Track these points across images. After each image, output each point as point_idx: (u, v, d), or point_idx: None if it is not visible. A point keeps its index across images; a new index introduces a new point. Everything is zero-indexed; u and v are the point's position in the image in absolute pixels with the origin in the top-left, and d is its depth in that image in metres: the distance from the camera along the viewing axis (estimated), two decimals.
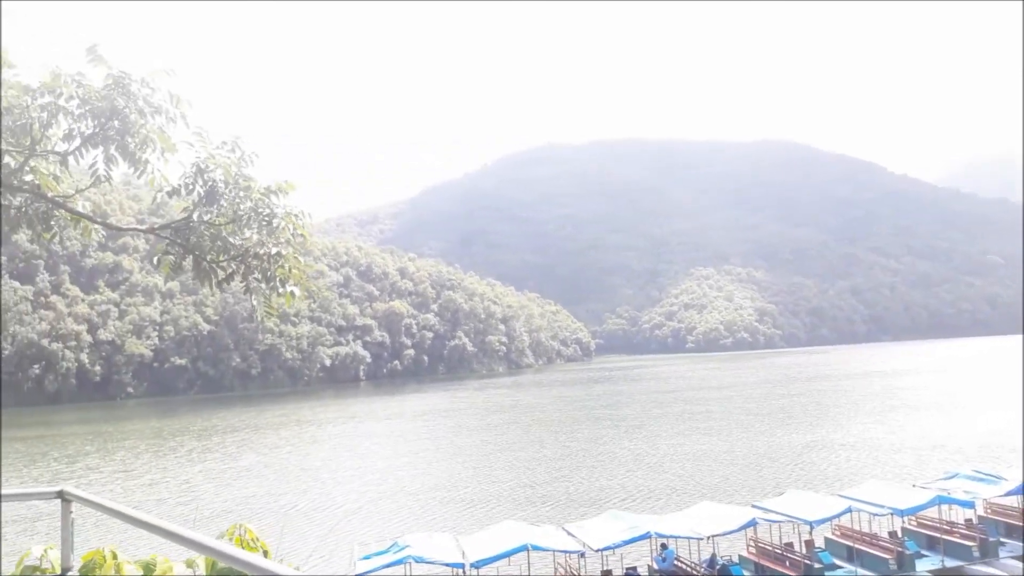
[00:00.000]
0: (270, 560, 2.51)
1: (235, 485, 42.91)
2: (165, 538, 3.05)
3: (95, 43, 8.90)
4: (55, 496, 3.65)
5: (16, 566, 4.47)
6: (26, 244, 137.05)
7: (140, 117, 8.97)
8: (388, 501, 37.01)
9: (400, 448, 56.21)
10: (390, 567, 19.82)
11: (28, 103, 9.22)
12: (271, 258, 9.45)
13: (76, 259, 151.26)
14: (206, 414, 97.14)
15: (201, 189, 9.30)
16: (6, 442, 72.09)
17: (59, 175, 10.19)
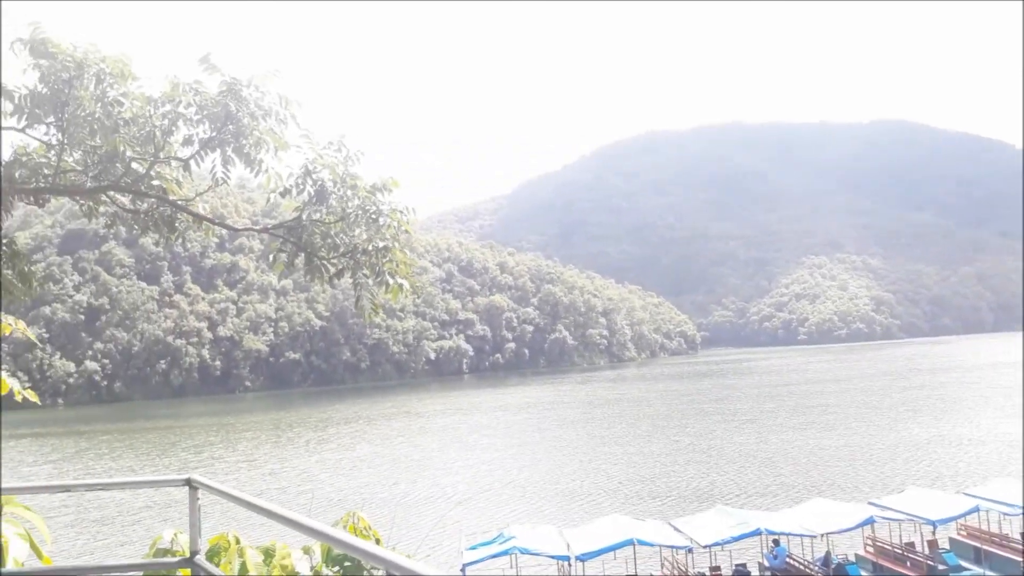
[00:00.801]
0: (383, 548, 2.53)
1: (349, 474, 44.43)
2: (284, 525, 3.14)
3: (208, 52, 9.33)
4: (183, 483, 3.83)
5: (150, 548, 4.76)
6: (151, 246, 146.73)
7: (252, 120, 9.34)
8: (495, 492, 37.46)
9: (506, 440, 56.78)
10: (496, 558, 20.05)
11: (151, 112, 9.76)
12: (378, 253, 9.68)
13: (196, 260, 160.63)
14: (321, 406, 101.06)
15: (311, 189, 9.61)
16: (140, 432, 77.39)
17: (181, 180, 10.77)
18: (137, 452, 61.00)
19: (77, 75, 9.29)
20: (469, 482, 40.26)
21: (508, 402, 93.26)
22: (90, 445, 67.01)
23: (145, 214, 10.99)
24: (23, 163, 10.34)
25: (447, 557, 24.73)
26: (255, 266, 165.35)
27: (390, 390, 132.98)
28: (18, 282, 10.26)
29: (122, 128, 9.64)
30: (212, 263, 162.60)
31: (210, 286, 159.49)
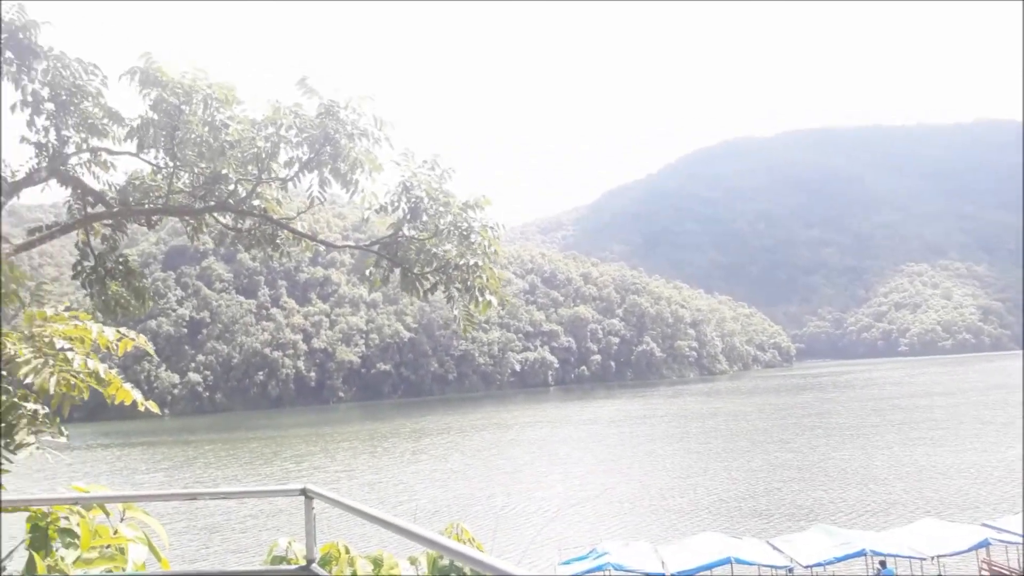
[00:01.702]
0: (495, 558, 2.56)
1: (446, 486, 44.89)
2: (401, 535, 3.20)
3: (305, 75, 9.72)
4: (299, 493, 3.97)
5: (267, 555, 4.96)
6: (248, 261, 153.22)
7: (349, 141, 9.67)
8: (587, 507, 37.17)
9: (598, 454, 56.28)
10: (589, 573, 19.89)
11: (254, 135, 10.24)
12: (470, 269, 9.84)
13: (292, 274, 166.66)
14: (413, 417, 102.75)
15: (406, 206, 9.87)
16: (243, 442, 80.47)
17: (281, 199, 11.24)
18: (242, 461, 63.44)
19: (186, 101, 9.83)
20: (562, 496, 40.09)
21: (597, 415, 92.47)
22: (198, 454, 70.16)
23: (248, 232, 11.52)
24: (136, 186, 11.00)
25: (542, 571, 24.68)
26: (346, 279, 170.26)
27: (477, 401, 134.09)
28: (132, 298, 10.90)
29: (227, 151, 10.13)
30: (306, 277, 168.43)
31: (304, 299, 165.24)
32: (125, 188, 10.85)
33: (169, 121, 9.90)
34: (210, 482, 51.30)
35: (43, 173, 9.52)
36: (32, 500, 4.65)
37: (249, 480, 51.76)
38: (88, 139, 10.13)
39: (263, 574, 4.67)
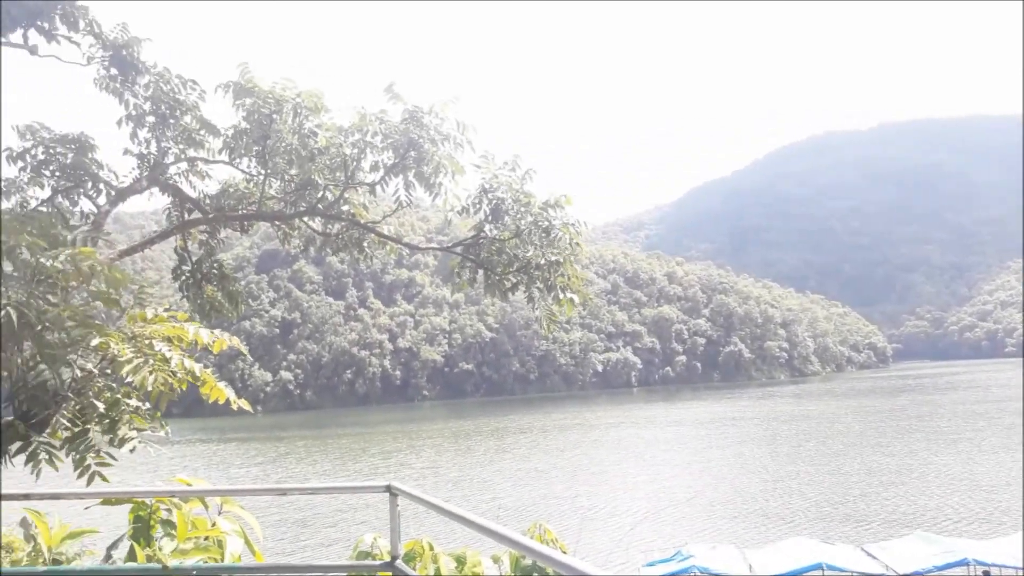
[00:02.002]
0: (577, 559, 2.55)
1: (529, 485, 45.01)
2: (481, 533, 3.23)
3: (392, 82, 9.92)
4: (384, 490, 4.06)
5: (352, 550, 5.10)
6: (337, 264, 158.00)
7: (432, 146, 9.82)
8: (673, 509, 36.62)
9: (684, 456, 55.35)
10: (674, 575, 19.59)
11: (341, 142, 10.53)
12: (551, 267, 9.84)
13: (378, 276, 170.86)
14: (495, 416, 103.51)
15: (487, 208, 9.96)
16: (333, 438, 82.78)
17: (367, 203, 11.53)
18: (332, 457, 65.31)
19: (276, 110, 10.19)
20: (647, 497, 39.61)
21: (683, 416, 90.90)
22: (290, 450, 72.64)
23: (336, 236, 11.87)
24: (230, 194, 11.49)
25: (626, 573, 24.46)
26: (430, 281, 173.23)
27: (559, 401, 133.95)
28: (225, 301, 11.39)
29: (316, 158, 10.46)
30: (392, 279, 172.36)
31: (390, 300, 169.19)
32: (220, 195, 11.34)
33: (260, 130, 10.29)
34: (302, 477, 53.02)
35: (144, 182, 10.03)
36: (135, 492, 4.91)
37: (338, 475, 53.24)
38: (186, 150, 10.63)
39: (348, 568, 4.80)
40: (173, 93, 9.98)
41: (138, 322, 6.12)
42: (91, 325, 5.74)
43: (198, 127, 10.34)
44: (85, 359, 6.15)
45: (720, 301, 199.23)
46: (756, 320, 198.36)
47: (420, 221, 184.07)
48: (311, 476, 53.25)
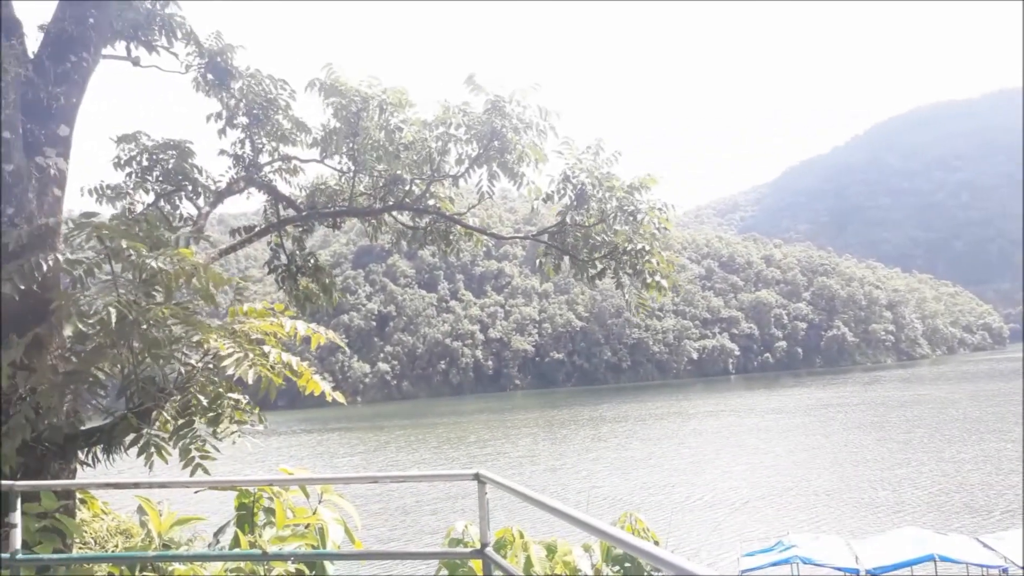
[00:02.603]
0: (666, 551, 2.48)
1: (625, 474, 44.71)
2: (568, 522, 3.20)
3: (472, 73, 9.96)
4: (472, 478, 4.08)
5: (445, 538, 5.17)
6: (429, 258, 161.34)
7: (515, 134, 9.81)
8: (774, 498, 35.63)
9: (786, 444, 53.72)
10: (775, 566, 19.05)
11: (426, 136, 10.67)
12: (638, 253, 9.68)
13: (468, 268, 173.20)
14: (590, 405, 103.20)
15: (571, 194, 9.88)
16: (430, 427, 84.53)
17: (453, 196, 11.66)
18: (431, 446, 66.69)
19: (364, 107, 10.42)
20: (746, 487, 38.66)
21: (785, 404, 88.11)
22: (390, 439, 74.60)
23: (424, 229, 12.06)
24: (322, 191, 11.84)
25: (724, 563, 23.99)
26: (519, 271, 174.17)
27: (654, 390, 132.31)
28: (320, 292, 11.77)
29: (402, 153, 10.63)
30: (481, 270, 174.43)
31: (480, 292, 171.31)
32: (312, 193, 11.69)
33: (349, 128, 10.54)
34: (402, 465, 54.34)
35: (241, 183, 10.44)
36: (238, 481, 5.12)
37: (437, 464, 54.32)
38: (278, 148, 11.00)
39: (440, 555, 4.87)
40: (265, 94, 10.34)
41: (239, 317, 6.37)
42: (193, 322, 6.01)
43: (290, 126, 10.68)
44: (189, 355, 6.46)
45: (821, 283, 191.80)
46: (860, 302, 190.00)
47: (508, 212, 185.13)
48: (411, 465, 54.49)
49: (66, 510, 6.23)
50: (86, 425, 6.77)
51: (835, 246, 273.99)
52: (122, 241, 5.79)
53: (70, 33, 7.41)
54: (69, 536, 6.05)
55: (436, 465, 53.20)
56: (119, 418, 6.32)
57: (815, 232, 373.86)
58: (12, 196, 6.69)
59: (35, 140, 7.14)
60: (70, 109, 7.47)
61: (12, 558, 4.37)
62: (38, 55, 7.41)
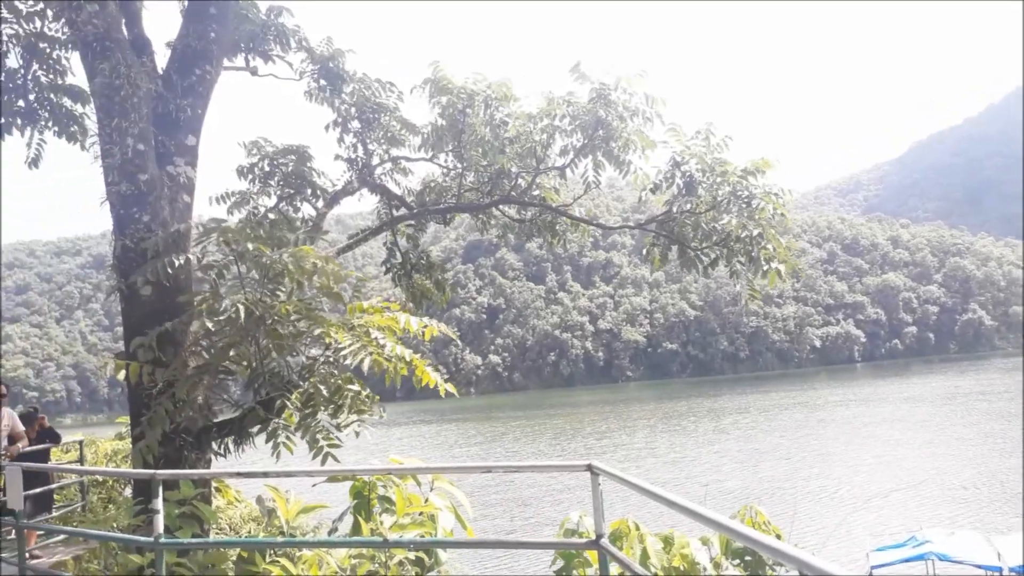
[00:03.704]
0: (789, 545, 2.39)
1: (747, 466, 43.44)
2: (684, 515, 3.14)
3: (578, 62, 9.88)
4: (585, 469, 4.07)
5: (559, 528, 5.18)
6: (536, 250, 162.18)
7: (621, 122, 9.68)
8: (907, 491, 33.73)
9: (922, 435, 50.67)
10: (908, 562, 18.02)
11: (531, 129, 10.71)
12: (753, 240, 9.35)
13: (575, 259, 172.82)
14: (709, 396, 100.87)
15: (680, 181, 9.66)
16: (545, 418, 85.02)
17: (558, 187, 11.65)
18: (547, 437, 67.05)
19: (469, 104, 10.56)
20: (877, 479, 36.78)
21: (918, 392, 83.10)
22: (506, 430, 75.55)
23: (530, 222, 12.13)
24: (432, 189, 12.10)
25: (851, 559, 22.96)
26: (628, 261, 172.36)
27: (775, 380, 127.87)
28: (434, 288, 12.05)
29: (507, 147, 10.72)
30: (589, 261, 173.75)
31: (588, 283, 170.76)
32: (422, 191, 11.98)
33: (455, 125, 10.72)
34: (521, 456, 54.83)
35: (355, 184, 10.81)
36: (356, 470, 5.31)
37: (553, 454, 54.55)
38: (389, 150, 11.32)
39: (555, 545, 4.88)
40: (374, 97, 10.65)
41: (357, 313, 6.60)
42: (314, 317, 6.28)
43: (399, 128, 10.97)
44: (311, 348, 6.76)
45: (954, 264, 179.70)
46: (998, 283, 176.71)
47: (615, 201, 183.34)
48: (528, 456, 54.93)
49: (203, 498, 6.65)
50: (218, 417, 7.22)
51: (969, 224, 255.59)
52: (248, 244, 6.12)
53: (194, 48, 7.88)
54: (206, 522, 6.45)
55: (553, 456, 53.40)
56: (248, 410, 6.70)
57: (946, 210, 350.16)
58: (147, 204, 7.19)
59: (166, 150, 7.65)
60: (196, 120, 7.95)
61: (156, 541, 4.71)
62: (166, 70, 7.92)
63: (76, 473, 10.47)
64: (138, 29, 8.04)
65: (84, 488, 10.76)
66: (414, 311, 7.13)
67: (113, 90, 7.07)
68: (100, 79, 7.13)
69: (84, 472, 10.56)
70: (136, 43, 7.77)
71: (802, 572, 2.22)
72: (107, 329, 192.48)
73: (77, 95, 8.89)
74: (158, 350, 6.68)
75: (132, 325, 7.19)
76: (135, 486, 7.58)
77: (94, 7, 7.08)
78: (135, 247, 7.08)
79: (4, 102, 8.49)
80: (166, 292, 6.94)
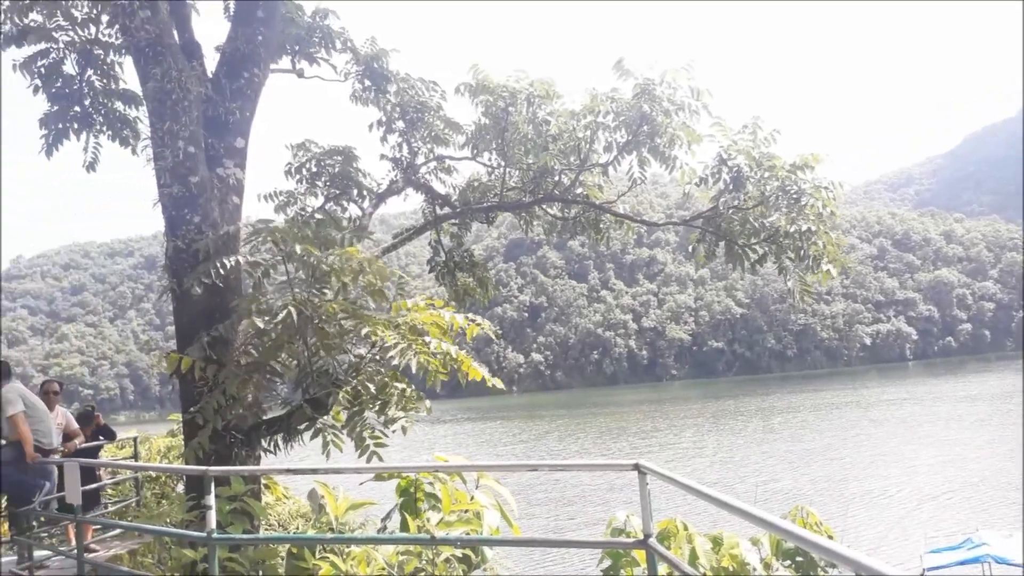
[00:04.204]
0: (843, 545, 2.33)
1: (798, 467, 42.65)
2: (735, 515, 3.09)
3: (621, 58, 9.80)
4: (632, 468, 4.02)
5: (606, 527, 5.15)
6: (578, 248, 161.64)
7: (666, 117, 9.57)
8: (964, 492, 32.77)
9: (982, 435, 48.98)
10: (963, 564, 17.51)
11: (574, 126, 10.65)
12: (802, 236, 9.17)
13: (618, 257, 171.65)
14: (757, 395, 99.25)
15: (727, 176, 9.52)
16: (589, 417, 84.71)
17: (601, 184, 11.57)
18: (592, 436, 66.72)
19: (511, 102, 10.56)
20: (932, 480, 35.82)
21: (974, 391, 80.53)
22: (550, 428, 75.40)
23: (573, 220, 12.08)
24: (475, 188, 12.13)
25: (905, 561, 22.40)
26: (672, 258, 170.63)
27: (824, 378, 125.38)
28: (477, 286, 12.09)
29: (550, 145, 10.68)
30: (632, 258, 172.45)
31: (632, 280, 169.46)
32: (465, 190, 12.01)
33: (497, 124, 10.73)
34: (566, 455, 54.65)
35: (400, 183, 10.89)
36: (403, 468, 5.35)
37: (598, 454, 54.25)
38: (433, 149, 11.38)
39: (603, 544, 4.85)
40: (418, 97, 10.71)
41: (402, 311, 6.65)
42: (360, 316, 6.34)
43: (443, 127, 11.02)
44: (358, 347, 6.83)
45: (1011, 259, 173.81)
46: None
47: (659, 198, 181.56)
48: (573, 455, 54.71)
49: (252, 494, 6.77)
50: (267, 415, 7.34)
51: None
52: (296, 245, 6.20)
53: (242, 51, 8.01)
54: (256, 518, 6.56)
55: (598, 456, 53.08)
56: (296, 407, 6.79)
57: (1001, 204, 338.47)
58: (198, 205, 7.33)
59: (215, 153, 7.79)
60: (245, 122, 8.08)
61: (209, 537, 4.79)
62: (215, 74, 8.07)
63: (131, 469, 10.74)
64: (188, 34, 8.20)
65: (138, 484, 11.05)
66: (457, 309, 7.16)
67: (165, 94, 7.22)
68: (152, 83, 7.29)
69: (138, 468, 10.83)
70: (186, 47, 7.93)
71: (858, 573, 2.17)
72: (158, 328, 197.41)
73: (130, 99, 9.11)
74: (209, 348, 6.83)
75: (184, 324, 7.36)
76: (187, 482, 7.75)
77: (146, 13, 7.25)
78: (187, 248, 7.23)
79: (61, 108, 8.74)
80: (216, 292, 7.07)
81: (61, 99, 8.69)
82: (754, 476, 40.84)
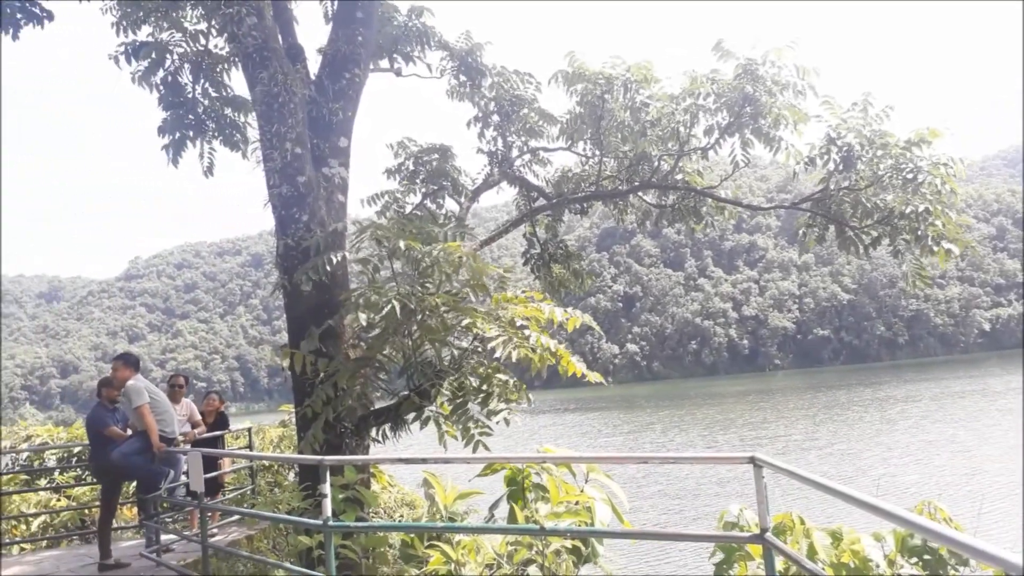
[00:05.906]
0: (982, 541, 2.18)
1: (921, 460, 40.56)
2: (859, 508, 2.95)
3: (720, 39, 9.50)
4: (747, 461, 3.90)
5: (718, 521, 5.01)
6: (673, 236, 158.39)
7: (770, 97, 9.22)
8: None
9: None
10: None
11: (673, 109, 10.40)
12: (919, 216, 8.67)
13: (716, 243, 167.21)
14: (870, 384, 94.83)
15: (836, 156, 9.10)
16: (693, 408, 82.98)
17: (701, 169, 11.27)
18: (698, 428, 65.32)
19: (608, 89, 10.40)
20: None
21: None
22: (653, 419, 74.34)
23: (672, 207, 11.80)
24: (569, 178, 12.05)
25: None
26: (774, 243, 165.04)
27: (940, 366, 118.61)
28: (572, 278, 12.02)
29: (648, 130, 10.46)
30: (731, 245, 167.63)
31: (731, 267, 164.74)
32: (559, 181, 11.95)
33: (593, 112, 10.59)
34: (674, 447, 53.72)
35: (495, 177, 10.93)
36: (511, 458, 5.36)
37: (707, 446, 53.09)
38: (527, 141, 11.36)
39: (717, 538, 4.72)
40: (513, 90, 10.71)
41: (501, 304, 6.68)
42: (461, 309, 6.41)
43: (537, 119, 10.98)
44: (460, 339, 6.91)
45: None
46: None
47: (758, 181, 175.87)
48: (681, 446, 53.75)
49: (363, 482, 6.96)
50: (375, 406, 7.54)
51: None
52: (399, 241, 6.32)
53: (343, 53, 8.22)
54: (367, 506, 6.75)
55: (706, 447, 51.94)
56: (403, 398, 6.95)
57: None
58: (306, 204, 7.58)
59: (320, 153, 8.03)
60: (347, 122, 8.29)
61: (324, 524, 4.95)
62: (318, 75, 8.32)
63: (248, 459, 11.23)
64: (292, 38, 8.48)
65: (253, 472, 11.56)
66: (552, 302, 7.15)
67: (272, 97, 7.49)
68: (260, 87, 7.58)
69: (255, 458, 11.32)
70: (290, 51, 8.19)
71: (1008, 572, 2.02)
72: (266, 323, 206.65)
73: (239, 105, 9.50)
74: (320, 342, 7.06)
75: (295, 319, 7.63)
76: (300, 471, 8.04)
77: (253, 19, 7.53)
78: (296, 246, 7.49)
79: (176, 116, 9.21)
80: (325, 288, 7.30)
81: (176, 108, 9.15)
82: (873, 469, 39.01)
